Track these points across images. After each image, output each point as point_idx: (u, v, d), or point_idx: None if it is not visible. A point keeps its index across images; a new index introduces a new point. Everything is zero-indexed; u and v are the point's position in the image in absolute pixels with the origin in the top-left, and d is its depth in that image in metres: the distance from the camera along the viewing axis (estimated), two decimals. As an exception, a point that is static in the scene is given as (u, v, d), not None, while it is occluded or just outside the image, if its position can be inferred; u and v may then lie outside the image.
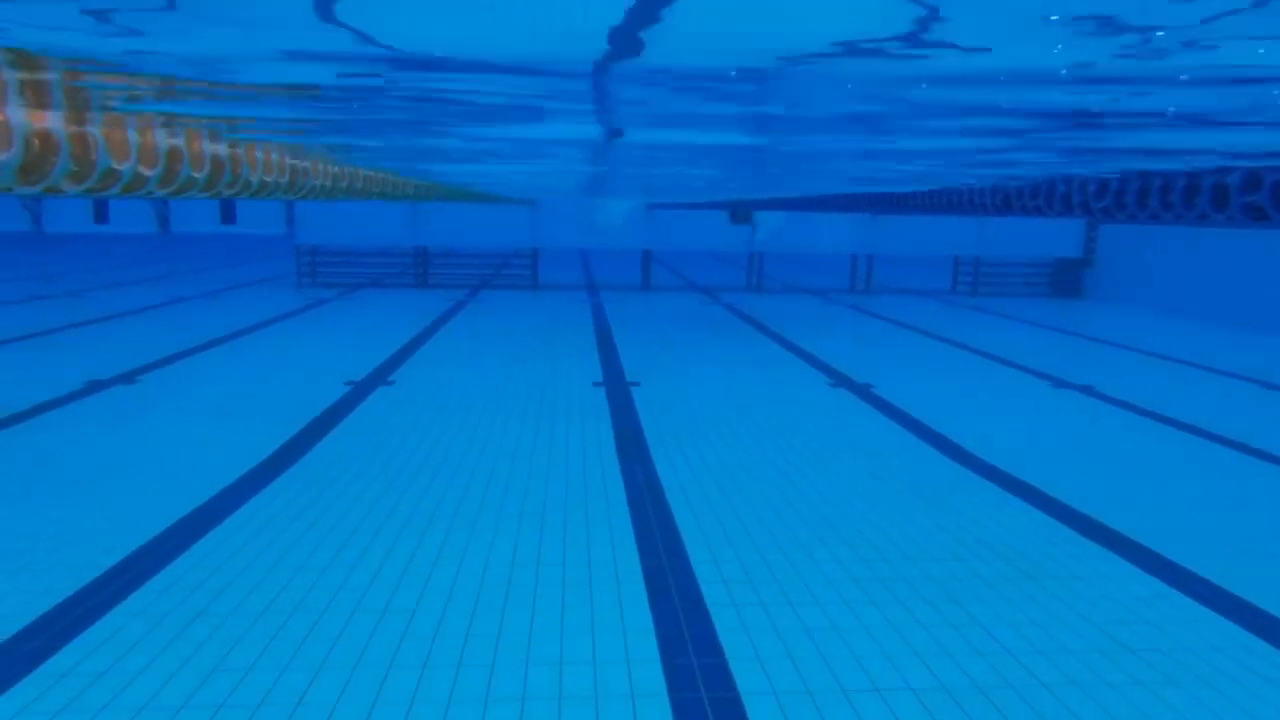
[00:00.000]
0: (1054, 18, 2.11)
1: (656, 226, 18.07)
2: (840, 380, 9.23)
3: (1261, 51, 2.36)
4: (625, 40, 2.44)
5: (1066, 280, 19.10)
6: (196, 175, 6.15)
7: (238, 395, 7.79)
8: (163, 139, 5.71)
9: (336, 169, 9.26)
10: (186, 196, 6.46)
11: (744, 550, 4.45)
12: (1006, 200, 8.52)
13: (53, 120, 4.54)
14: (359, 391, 8.08)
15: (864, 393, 8.61)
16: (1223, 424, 7.51)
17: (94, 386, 7.96)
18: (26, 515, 4.68)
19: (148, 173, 5.57)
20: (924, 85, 3.15)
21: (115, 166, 5.24)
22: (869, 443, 6.68)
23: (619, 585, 3.99)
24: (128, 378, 8.39)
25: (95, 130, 5.06)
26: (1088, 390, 9.07)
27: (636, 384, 8.73)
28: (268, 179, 7.21)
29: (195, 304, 14.85)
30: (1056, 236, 18.59)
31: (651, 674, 3.23)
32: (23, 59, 3.07)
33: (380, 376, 8.84)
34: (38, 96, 3.92)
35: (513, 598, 3.84)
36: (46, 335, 11.04)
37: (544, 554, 4.34)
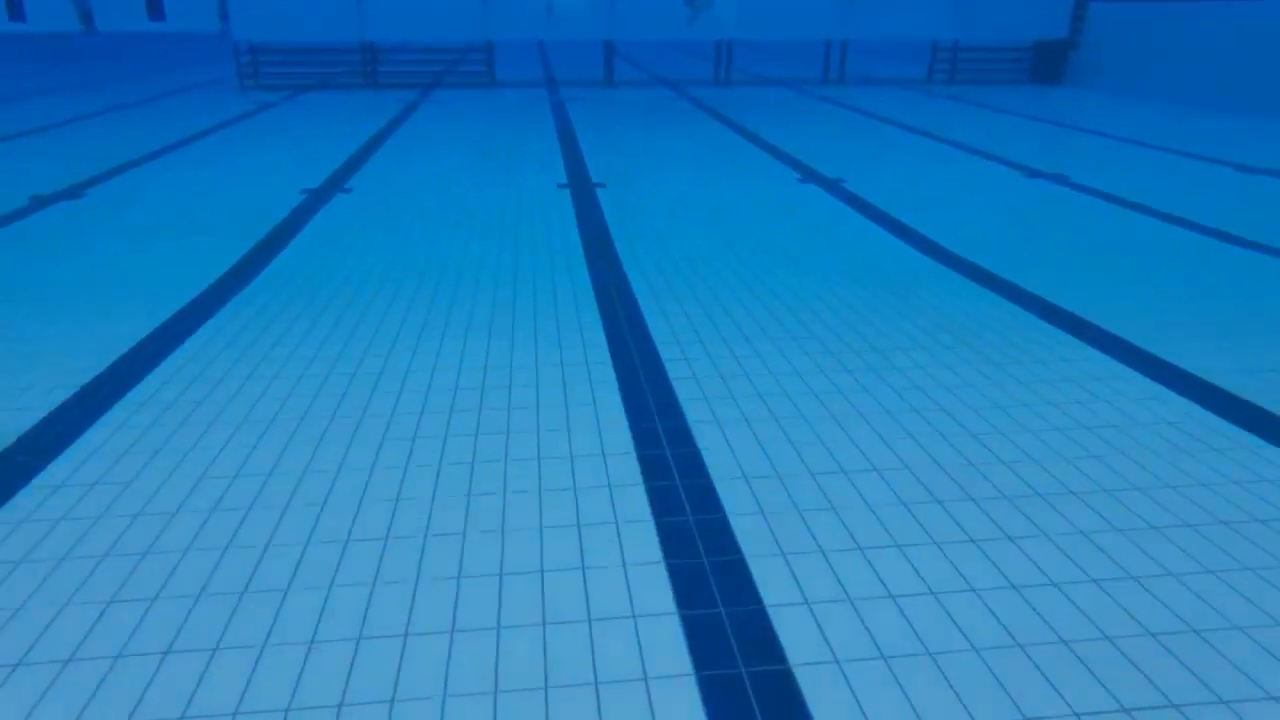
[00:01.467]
0: None
1: (618, 15, 16.95)
2: (810, 175, 9.05)
3: None
4: None
5: (1049, 65, 18.44)
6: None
7: (190, 207, 7.49)
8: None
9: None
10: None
11: (715, 348, 4.50)
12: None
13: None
14: (316, 199, 7.81)
15: (834, 187, 8.47)
16: (1198, 210, 7.52)
17: (37, 203, 7.60)
18: (-15, 336, 4.58)
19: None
20: None
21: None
22: (838, 238, 6.65)
23: (592, 386, 4.05)
24: (73, 192, 8.01)
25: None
26: (1060, 179, 8.98)
27: (602, 185, 8.51)
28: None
29: (134, 110, 13.99)
30: (1041, 16, 17.73)
31: (628, 466, 3.34)
32: None
33: (337, 183, 8.52)
34: None
35: (488, 399, 3.89)
36: (-24, 149, 10.42)
37: (516, 359, 4.36)
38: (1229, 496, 3.16)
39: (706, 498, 3.13)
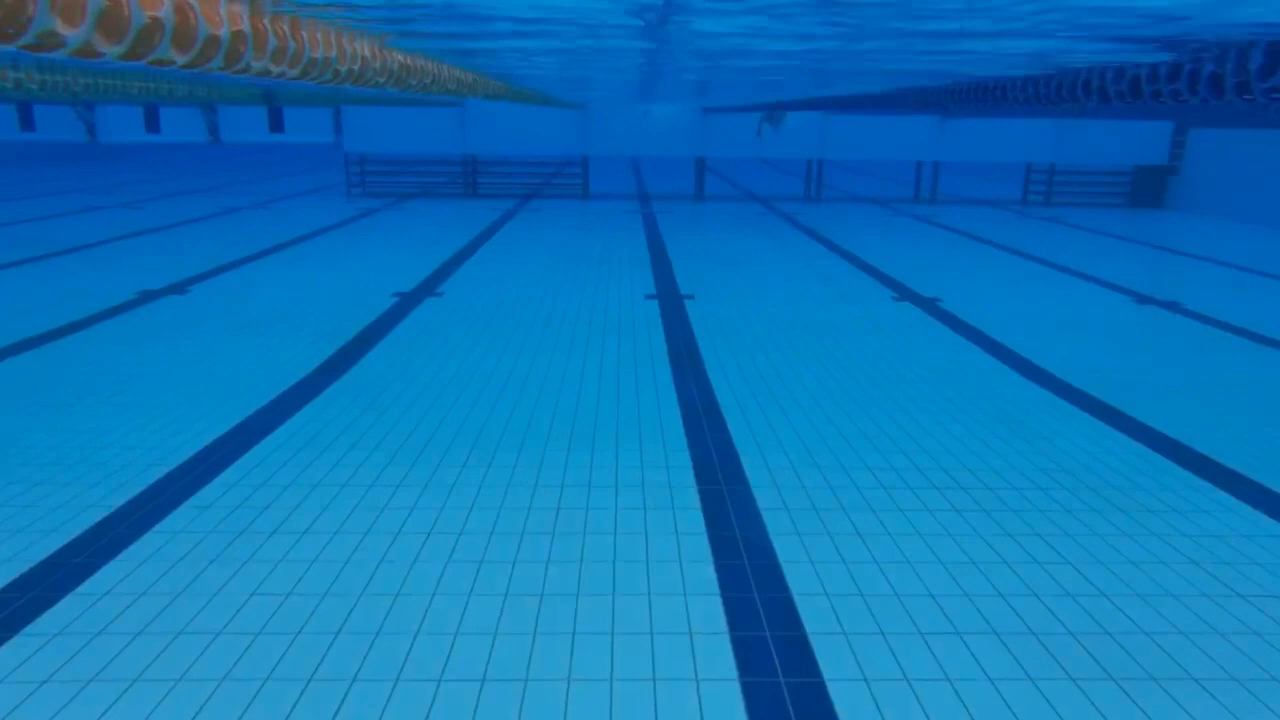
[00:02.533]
0: None
1: (711, 132, 17.33)
2: (905, 293, 8.76)
3: None
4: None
5: (1149, 189, 17.95)
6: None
7: (287, 306, 7.65)
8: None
9: (385, 53, 8.81)
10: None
11: (808, 476, 4.17)
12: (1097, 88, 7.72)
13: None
14: (406, 303, 7.89)
15: (930, 306, 8.14)
16: (1328, 344, 6.92)
17: (145, 297, 7.89)
18: (73, 427, 4.60)
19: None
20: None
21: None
22: (937, 360, 6.29)
23: (674, 511, 3.76)
24: (179, 288, 8.32)
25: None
26: (1173, 306, 8.46)
27: (691, 297, 8.39)
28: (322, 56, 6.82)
29: (246, 214, 14.77)
30: (1140, 141, 17.39)
31: (711, 607, 3.01)
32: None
33: (429, 288, 8.63)
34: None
35: (561, 525, 3.63)
36: (99, 246, 11.05)
37: (595, 477, 4.12)
38: None
39: (799, 652, 2.76)
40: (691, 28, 7.38)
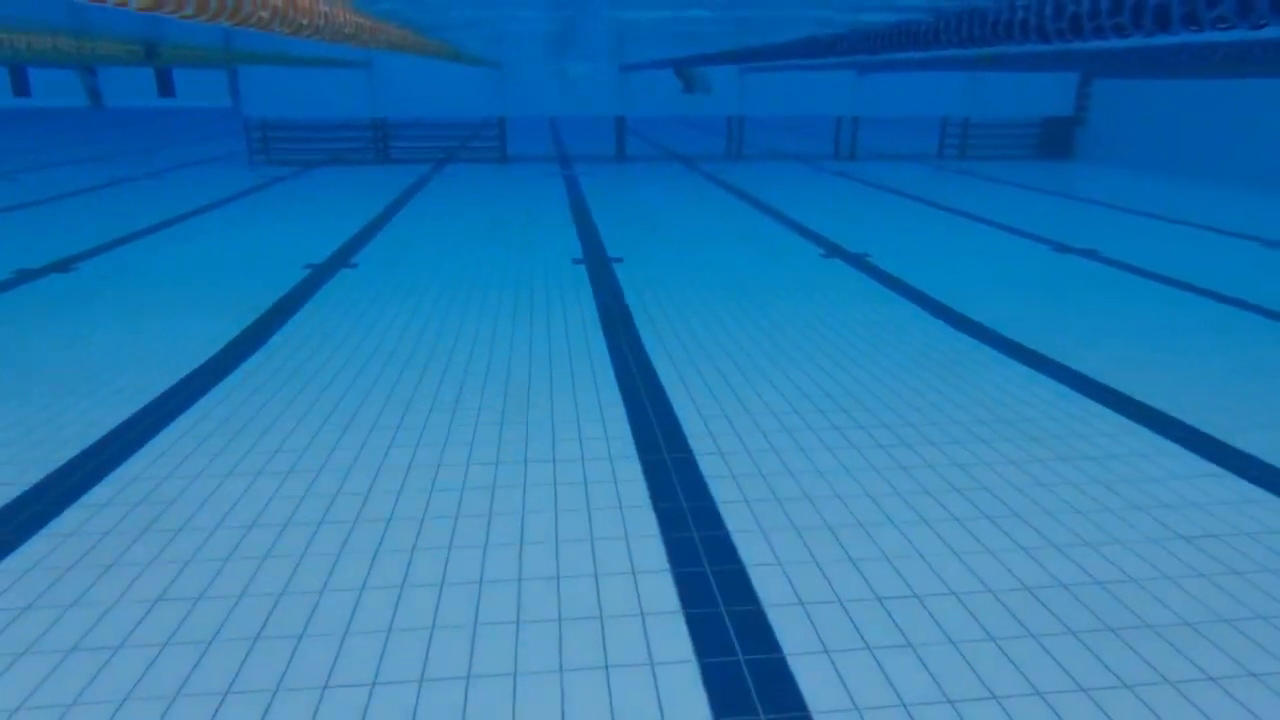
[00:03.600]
0: None
1: (630, 90, 16.99)
2: (834, 250, 8.71)
3: None
4: None
5: (1057, 140, 18.40)
6: None
7: (190, 282, 7.15)
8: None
9: None
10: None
11: (752, 440, 4.04)
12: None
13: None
14: (319, 275, 7.46)
15: (859, 262, 8.12)
16: (1225, 283, 7.13)
17: (23, 276, 7.26)
18: (-56, 424, 4.15)
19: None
20: None
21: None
22: (871, 316, 6.24)
23: (616, 484, 3.58)
24: (62, 265, 7.68)
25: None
26: (1091, 254, 8.63)
27: (619, 260, 8.16)
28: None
29: (138, 185, 13.85)
30: (1047, 93, 17.77)
31: (663, 586, 2.85)
32: None
33: (342, 259, 8.19)
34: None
35: (498, 500, 3.42)
36: (-25, 222, 10.17)
37: (532, 450, 3.91)
38: (1380, 630, 2.66)
39: (757, 626, 2.63)
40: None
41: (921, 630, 2.63)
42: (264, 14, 4.17)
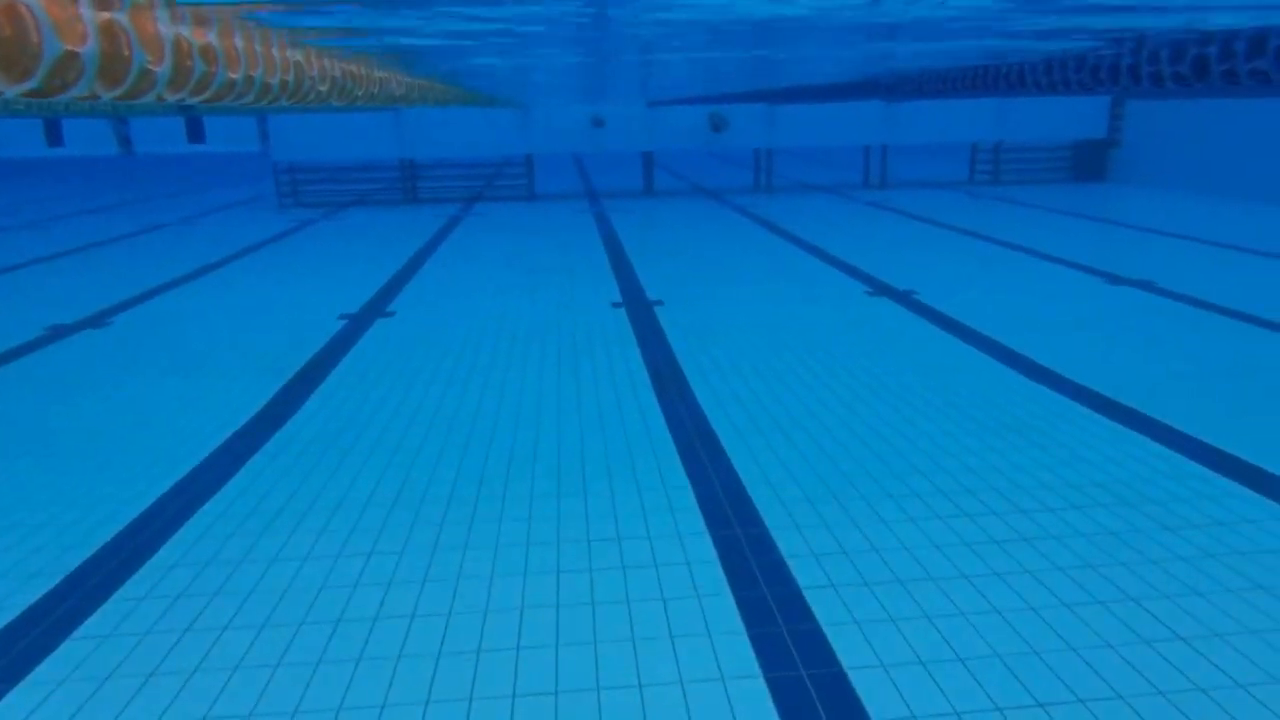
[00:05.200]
0: None
1: (656, 126, 16.88)
2: (879, 288, 8.44)
3: None
4: None
5: (1091, 162, 18.06)
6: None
7: (225, 337, 7.00)
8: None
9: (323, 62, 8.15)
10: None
11: (826, 509, 3.77)
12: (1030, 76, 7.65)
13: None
14: (356, 326, 7.30)
15: (907, 300, 7.84)
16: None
17: (57, 333, 7.16)
18: (-23, 506, 3.97)
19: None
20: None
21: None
22: (930, 363, 5.95)
23: (689, 565, 3.32)
24: (96, 320, 7.58)
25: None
26: (1146, 285, 8.30)
27: (660, 303, 7.94)
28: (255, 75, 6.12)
29: (169, 231, 13.87)
30: (1079, 117, 17.47)
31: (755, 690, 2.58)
32: None
33: (378, 307, 8.04)
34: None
35: (565, 595, 3.17)
36: (3, 274, 10.16)
37: (593, 529, 3.66)
38: None
39: (837, 688, 2.36)
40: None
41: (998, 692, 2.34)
42: (322, 88, 4.03)
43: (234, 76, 2.95)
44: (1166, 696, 2.53)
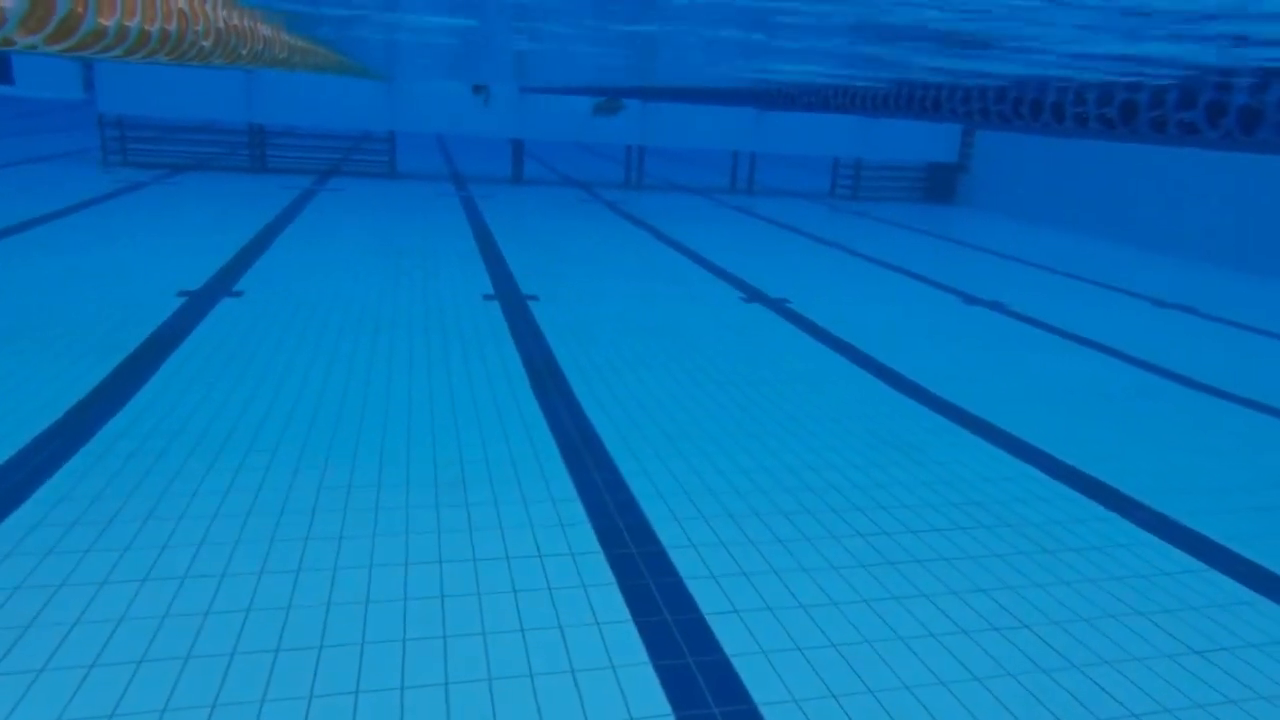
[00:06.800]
0: None
1: (530, 113, 16.46)
2: (752, 294, 8.49)
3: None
4: None
5: (942, 185, 19.13)
6: None
7: (43, 310, 6.14)
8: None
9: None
10: None
11: (722, 528, 3.65)
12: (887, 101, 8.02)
13: None
14: (198, 304, 6.60)
15: (780, 308, 7.92)
16: (1130, 343, 7.34)
17: None
18: None
19: None
20: None
21: None
22: (807, 372, 5.99)
23: (585, 589, 3.10)
24: (-123, 283, 6.50)
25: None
26: (997, 306, 8.78)
27: (534, 298, 7.65)
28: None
29: (-28, 183, 12.24)
30: (934, 140, 18.46)
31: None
32: None
33: (223, 285, 7.32)
34: None
35: (452, 621, 2.88)
36: None
37: (479, 545, 3.37)
38: None
39: (724, 674, 2.23)
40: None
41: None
42: (206, 43, 3.49)
43: (106, 24, 2.44)
44: (1071, 731, 2.55)
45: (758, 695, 2.60)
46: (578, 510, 3.72)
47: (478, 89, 15.82)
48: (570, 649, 2.75)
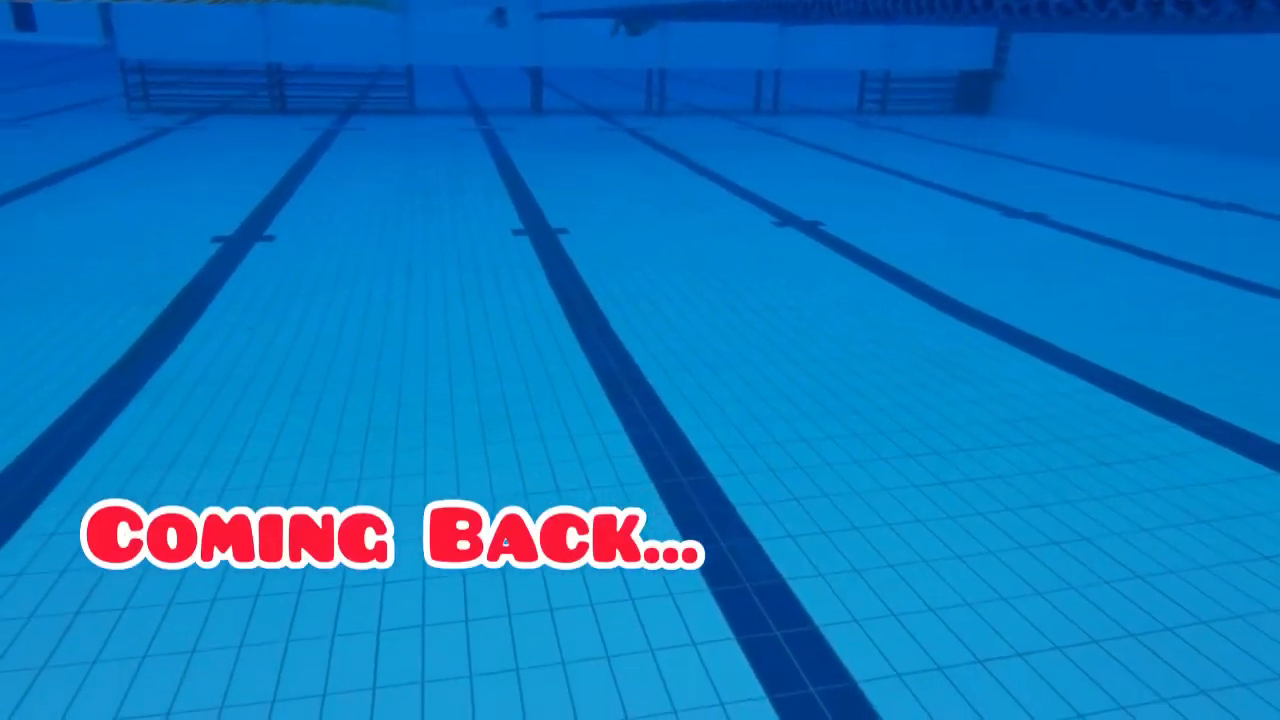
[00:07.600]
0: None
1: (548, 41, 16.06)
2: (785, 218, 8.33)
3: None
4: None
5: (974, 95, 18.48)
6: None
7: (83, 260, 6.18)
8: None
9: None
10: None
11: (770, 453, 3.63)
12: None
13: None
14: (232, 250, 6.61)
15: (815, 231, 7.77)
16: (1197, 251, 7.12)
17: (-128, 257, 6.16)
18: None
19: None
20: None
21: None
22: (845, 296, 5.89)
23: (627, 496, 3.12)
24: (-81, 243, 6.58)
25: None
26: (1039, 218, 8.54)
27: (565, 231, 7.57)
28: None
29: (3, 133, 12.27)
30: (967, 47, 17.78)
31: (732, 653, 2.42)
32: None
33: (255, 229, 7.32)
34: None
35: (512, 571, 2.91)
36: None
37: (529, 480, 3.39)
38: None
39: (757, 557, 2.25)
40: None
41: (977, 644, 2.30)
42: None
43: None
44: (1139, 639, 2.53)
45: (818, 617, 2.61)
46: (624, 442, 3.72)
47: (494, 16, 15.44)
48: (628, 581, 2.78)
